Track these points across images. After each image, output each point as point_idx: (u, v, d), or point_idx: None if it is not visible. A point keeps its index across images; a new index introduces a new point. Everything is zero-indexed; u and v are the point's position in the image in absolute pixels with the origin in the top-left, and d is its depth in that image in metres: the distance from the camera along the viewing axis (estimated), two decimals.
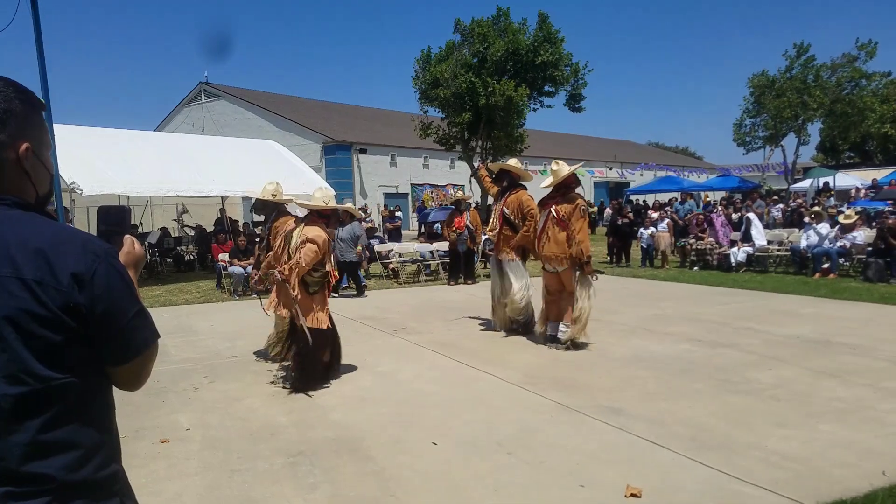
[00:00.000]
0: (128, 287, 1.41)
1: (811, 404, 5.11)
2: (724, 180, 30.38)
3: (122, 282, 1.40)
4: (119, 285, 1.38)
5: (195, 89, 38.33)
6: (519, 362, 6.72)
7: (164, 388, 6.08)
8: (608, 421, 4.83)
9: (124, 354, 1.41)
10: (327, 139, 31.80)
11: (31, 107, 1.44)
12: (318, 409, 5.37)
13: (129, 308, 1.40)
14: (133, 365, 1.44)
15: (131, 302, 1.41)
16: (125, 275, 1.43)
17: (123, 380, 1.47)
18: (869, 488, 3.53)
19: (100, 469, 1.38)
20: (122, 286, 1.39)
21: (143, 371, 1.48)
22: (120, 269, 1.41)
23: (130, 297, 1.41)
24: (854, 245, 13.11)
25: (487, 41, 23.17)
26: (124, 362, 1.42)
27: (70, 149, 13.98)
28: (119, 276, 1.39)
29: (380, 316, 9.74)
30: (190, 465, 4.24)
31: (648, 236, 15.97)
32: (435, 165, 35.01)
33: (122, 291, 1.39)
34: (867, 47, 28.35)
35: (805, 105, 28.80)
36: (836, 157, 48.99)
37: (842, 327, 7.99)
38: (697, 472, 3.90)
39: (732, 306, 9.88)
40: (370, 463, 4.20)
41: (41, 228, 1.35)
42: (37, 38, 9.92)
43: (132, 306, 1.41)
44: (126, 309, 1.39)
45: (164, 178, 15.49)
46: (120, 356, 1.41)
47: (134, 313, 1.41)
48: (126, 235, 1.61)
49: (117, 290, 1.37)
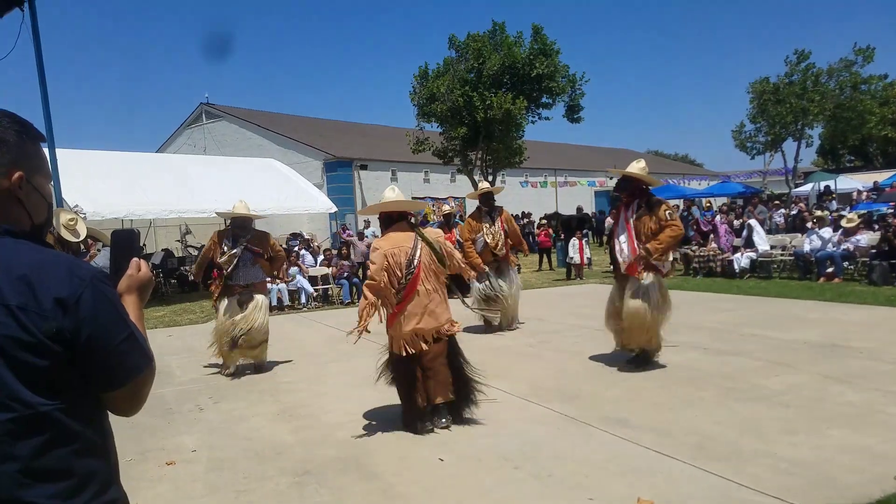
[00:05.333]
0: (116, 311, 1.40)
1: (820, 410, 5.07)
2: (724, 186, 30.38)
3: (110, 306, 1.39)
4: (106, 310, 1.37)
5: (196, 110, 38.45)
6: (524, 375, 6.69)
7: (170, 410, 6.07)
8: (615, 432, 4.80)
9: (114, 380, 1.40)
10: (328, 156, 31.87)
11: (27, 137, 1.45)
12: (324, 427, 5.35)
13: (118, 333, 1.38)
14: (125, 390, 1.42)
15: (120, 327, 1.39)
16: (114, 299, 1.42)
17: (117, 405, 1.46)
18: (881, 494, 3.50)
19: (97, 497, 1.36)
20: (110, 311, 1.38)
21: (137, 396, 1.46)
22: (108, 293, 1.40)
23: (119, 321, 1.40)
24: (858, 248, 13.07)
25: (483, 56, 23.26)
26: (115, 388, 1.41)
27: (72, 173, 14.10)
28: (106, 301, 1.38)
29: (383, 331, 9.69)
30: (196, 487, 4.22)
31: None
32: (436, 179, 35.05)
33: (110, 316, 1.38)
34: (865, 52, 28.42)
35: (805, 111, 28.83)
36: (837, 161, 48.95)
37: (848, 331, 7.95)
38: (706, 481, 3.86)
39: (737, 313, 9.85)
40: (377, 480, 4.18)
41: (27, 255, 1.35)
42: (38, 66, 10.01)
43: (121, 331, 1.39)
44: (114, 334, 1.38)
45: (167, 199, 15.57)
46: (110, 381, 1.40)
47: (123, 338, 1.39)
48: (133, 259, 1.61)
49: (104, 315, 1.36)
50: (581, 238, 16.79)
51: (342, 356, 8.11)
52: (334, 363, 7.77)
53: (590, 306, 10.03)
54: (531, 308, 10.88)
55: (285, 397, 6.38)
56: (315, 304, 13.80)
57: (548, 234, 20.39)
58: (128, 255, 1.61)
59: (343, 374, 7.19)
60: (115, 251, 1.64)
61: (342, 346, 8.73)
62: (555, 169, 41.32)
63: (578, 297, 12.94)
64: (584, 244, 17.02)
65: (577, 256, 16.42)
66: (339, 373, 7.28)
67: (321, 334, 10.04)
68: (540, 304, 11.89)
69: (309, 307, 13.49)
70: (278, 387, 6.83)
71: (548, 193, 39.79)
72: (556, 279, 16.67)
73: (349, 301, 13.72)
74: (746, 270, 14.44)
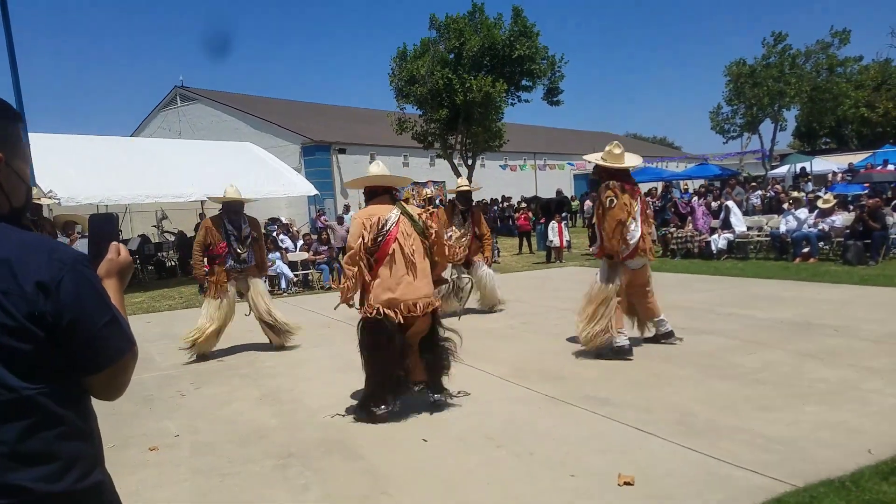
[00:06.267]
0: (98, 295, 1.39)
1: (796, 386, 5.17)
2: (702, 168, 30.59)
3: (92, 290, 1.38)
4: (88, 293, 1.36)
5: (170, 93, 37.95)
6: (506, 356, 6.73)
7: (151, 396, 6.04)
8: (596, 410, 4.86)
9: (96, 363, 1.39)
10: (306, 140, 31.67)
11: (7, 119, 1.43)
12: (307, 410, 5.35)
13: (100, 316, 1.37)
14: (107, 374, 1.41)
15: (102, 310, 1.38)
16: (96, 283, 1.41)
17: (99, 389, 1.45)
18: (855, 467, 3.58)
19: (81, 480, 1.36)
20: (92, 294, 1.37)
21: (119, 380, 1.45)
22: (90, 276, 1.39)
23: (101, 305, 1.39)
24: (833, 229, 13.27)
25: (463, 37, 23.16)
26: (97, 371, 1.40)
27: (46, 158, 13.85)
28: (88, 284, 1.37)
29: None
30: (179, 471, 4.21)
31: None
32: (415, 163, 34.97)
33: (92, 300, 1.37)
34: (841, 34, 28.73)
35: (782, 93, 29.11)
36: (813, 143, 49.54)
37: (823, 310, 8.10)
38: (686, 457, 3.93)
39: (715, 293, 9.97)
40: (361, 461, 4.20)
41: (8, 238, 1.34)
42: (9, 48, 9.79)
43: (103, 315, 1.38)
44: (96, 317, 1.37)
45: (142, 184, 15.38)
46: (92, 365, 1.39)
47: (105, 322, 1.38)
48: (112, 243, 1.59)
49: (86, 299, 1.35)
50: (560, 221, 16.86)
51: (324, 341, 8.11)
52: (316, 348, 7.76)
53: (569, 289, 10.11)
54: (511, 291, 10.93)
55: (267, 382, 6.37)
56: (296, 289, 13.75)
57: (527, 217, 20.45)
58: (107, 239, 1.60)
59: (325, 358, 7.19)
60: (94, 235, 1.62)
61: (324, 331, 8.77)
62: (534, 152, 41.36)
63: (558, 280, 13.02)
64: (564, 227, 17.10)
65: (556, 239, 16.50)
66: (322, 357, 7.28)
67: (302, 319, 9.99)
68: (520, 288, 11.94)
69: (289, 292, 13.43)
70: (260, 371, 6.81)
71: (527, 176, 39.85)
72: (536, 262, 16.74)
73: (329, 286, 13.68)
74: (724, 251, 14.62)
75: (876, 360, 5.77)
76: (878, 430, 4.15)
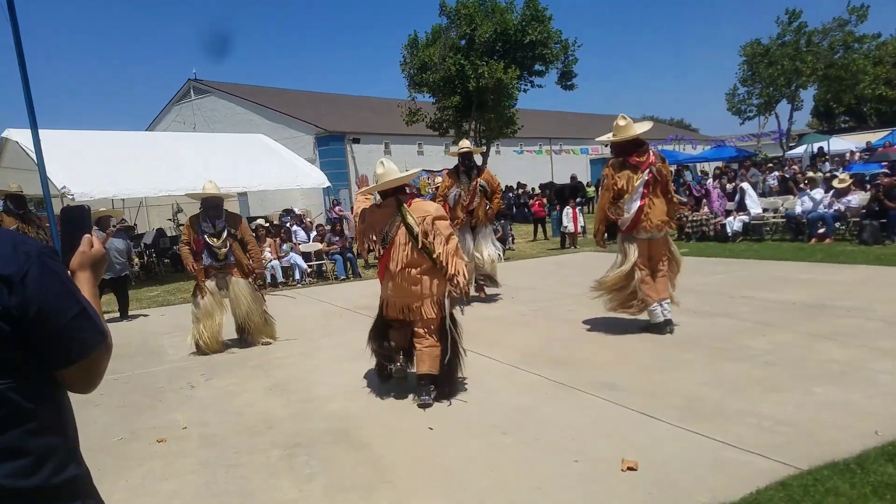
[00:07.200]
0: (66, 287, 1.38)
1: (805, 367, 5.12)
2: (718, 151, 30.27)
3: (59, 282, 1.37)
4: (54, 286, 1.35)
5: (184, 87, 38.08)
6: (516, 343, 6.72)
7: (162, 388, 6.09)
8: (603, 396, 4.84)
9: (68, 356, 1.38)
10: (319, 130, 31.66)
11: None
12: (315, 400, 5.38)
13: (68, 309, 1.36)
14: (80, 367, 1.40)
15: (70, 303, 1.37)
16: (63, 275, 1.40)
17: (73, 382, 1.44)
18: (861, 448, 3.53)
19: (55, 475, 1.36)
20: (59, 287, 1.36)
21: (93, 373, 1.44)
22: (56, 269, 1.38)
23: (69, 297, 1.38)
24: (849, 209, 13.09)
25: (475, 22, 22.99)
26: (67, 365, 1.38)
27: (61, 153, 13.98)
28: (55, 276, 1.36)
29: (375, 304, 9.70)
30: (187, 462, 4.25)
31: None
32: (429, 151, 34.87)
33: (59, 292, 1.36)
34: (858, 10, 28.16)
35: (798, 72, 28.64)
36: (831, 123, 48.79)
37: (837, 291, 7.99)
38: (691, 441, 3.91)
39: (729, 276, 9.88)
40: (366, 451, 4.21)
41: None
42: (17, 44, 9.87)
43: (71, 307, 1.37)
44: (64, 310, 1.35)
45: (156, 178, 15.45)
46: (62, 359, 1.37)
47: (74, 314, 1.37)
48: (85, 235, 1.59)
49: (53, 292, 1.34)
50: (574, 207, 16.76)
51: (335, 331, 8.14)
52: (327, 338, 7.80)
53: (583, 274, 10.04)
54: (525, 278, 10.92)
55: (277, 372, 6.41)
56: (310, 279, 13.80)
57: (542, 203, 20.35)
58: (80, 231, 1.59)
59: (335, 347, 7.22)
60: (67, 228, 1.61)
61: (336, 321, 8.80)
62: (549, 137, 41.10)
63: (572, 266, 12.97)
64: (578, 213, 17.01)
65: (571, 225, 16.42)
66: (332, 347, 7.30)
67: (315, 310, 10.05)
68: (534, 274, 11.92)
69: (303, 283, 13.48)
70: (271, 362, 6.85)
71: (543, 162, 39.66)
72: (551, 248, 16.68)
73: (344, 277, 13.72)
74: (739, 234, 14.46)
75: (888, 340, 5.69)
76: (887, 412, 4.10)
